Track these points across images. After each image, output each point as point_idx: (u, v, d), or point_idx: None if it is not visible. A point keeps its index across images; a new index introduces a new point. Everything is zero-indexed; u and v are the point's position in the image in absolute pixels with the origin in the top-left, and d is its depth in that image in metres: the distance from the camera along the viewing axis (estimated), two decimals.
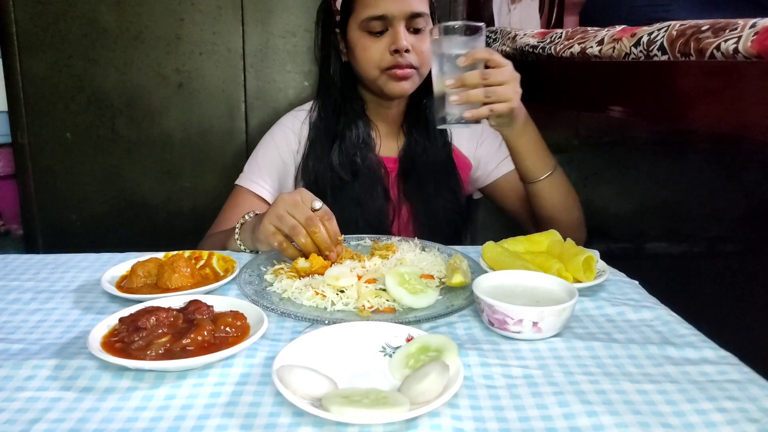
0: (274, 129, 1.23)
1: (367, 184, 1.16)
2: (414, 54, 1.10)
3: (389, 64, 1.09)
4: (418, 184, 1.19)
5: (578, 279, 0.79)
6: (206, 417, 0.52)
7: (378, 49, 1.10)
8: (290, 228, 0.83)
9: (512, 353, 0.64)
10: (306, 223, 0.83)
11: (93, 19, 1.37)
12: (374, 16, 1.08)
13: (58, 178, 1.45)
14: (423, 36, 1.11)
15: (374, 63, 1.11)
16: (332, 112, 1.17)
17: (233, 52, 1.45)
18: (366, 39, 1.11)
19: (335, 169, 1.14)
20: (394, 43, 1.08)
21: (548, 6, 1.75)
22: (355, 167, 1.15)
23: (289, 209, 0.83)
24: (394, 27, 1.08)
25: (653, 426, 0.51)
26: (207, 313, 0.65)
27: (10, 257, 0.92)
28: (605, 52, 1.04)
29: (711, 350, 0.64)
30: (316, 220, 0.83)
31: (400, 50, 1.08)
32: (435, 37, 0.92)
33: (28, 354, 0.63)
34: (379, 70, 1.11)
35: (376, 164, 1.18)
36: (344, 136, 1.16)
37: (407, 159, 1.20)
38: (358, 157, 1.15)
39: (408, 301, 0.73)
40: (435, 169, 1.20)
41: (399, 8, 1.07)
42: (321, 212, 0.84)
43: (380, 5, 1.07)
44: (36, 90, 1.39)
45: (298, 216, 0.83)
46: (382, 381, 0.58)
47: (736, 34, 0.77)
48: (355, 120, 1.17)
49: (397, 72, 1.09)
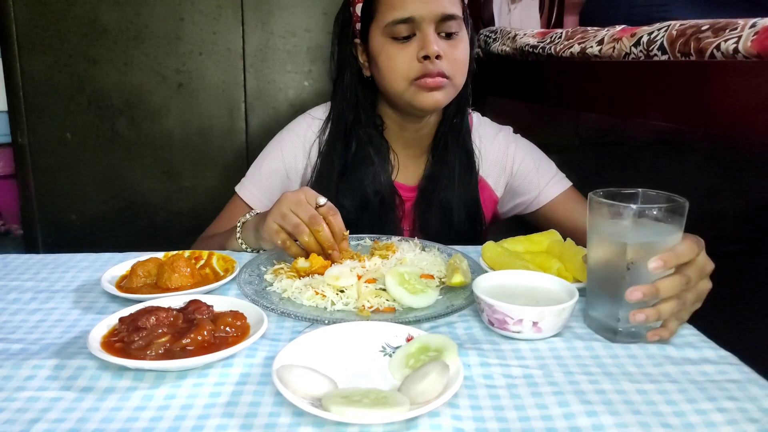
0: (284, 137, 1.13)
1: (375, 215, 1.06)
2: (446, 61, 0.98)
3: (418, 73, 0.97)
4: (438, 219, 1.08)
5: (578, 279, 0.79)
6: (206, 417, 0.52)
7: (405, 56, 0.98)
8: (293, 227, 0.82)
9: (512, 353, 0.64)
10: (309, 222, 0.81)
11: (93, 19, 1.37)
12: (400, 19, 0.97)
13: (58, 178, 1.45)
14: (456, 42, 1.00)
15: (401, 73, 0.99)
16: (343, 136, 1.07)
17: (233, 52, 1.45)
18: (391, 46, 0.99)
19: (344, 204, 1.04)
20: (423, 49, 0.96)
21: (548, 6, 1.75)
22: (365, 198, 1.06)
23: (293, 207, 0.82)
24: (422, 30, 0.97)
25: (653, 426, 0.51)
26: (207, 313, 0.65)
27: (10, 257, 0.92)
28: (605, 52, 1.04)
29: (711, 350, 0.64)
30: (320, 218, 0.82)
31: (431, 56, 0.96)
32: (605, 216, 0.66)
33: (28, 354, 0.63)
34: (407, 81, 0.99)
35: (389, 194, 1.08)
36: (353, 165, 1.06)
37: (429, 189, 1.09)
38: (369, 189, 1.05)
39: (408, 301, 0.73)
40: (459, 206, 1.08)
41: (428, 9, 0.96)
42: (325, 209, 0.83)
43: (407, 6, 0.96)
44: (36, 90, 1.39)
45: (302, 214, 0.82)
46: (382, 381, 0.58)
47: (736, 34, 0.77)
48: (370, 144, 1.07)
49: (428, 81, 0.97)
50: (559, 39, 1.18)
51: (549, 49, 1.20)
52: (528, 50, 1.29)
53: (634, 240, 0.63)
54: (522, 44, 1.31)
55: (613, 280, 0.66)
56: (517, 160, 1.15)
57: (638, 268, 0.64)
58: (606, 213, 0.66)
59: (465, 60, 1.03)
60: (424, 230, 1.10)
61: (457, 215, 1.09)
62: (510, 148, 1.16)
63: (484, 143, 1.14)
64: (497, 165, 1.15)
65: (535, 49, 1.26)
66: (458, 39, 1.01)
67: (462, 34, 1.01)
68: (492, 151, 1.15)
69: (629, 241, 0.63)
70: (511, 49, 1.36)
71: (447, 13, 0.97)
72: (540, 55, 1.24)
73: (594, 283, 0.69)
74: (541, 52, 1.23)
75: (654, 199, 0.67)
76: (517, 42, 1.34)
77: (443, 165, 1.09)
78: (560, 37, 1.19)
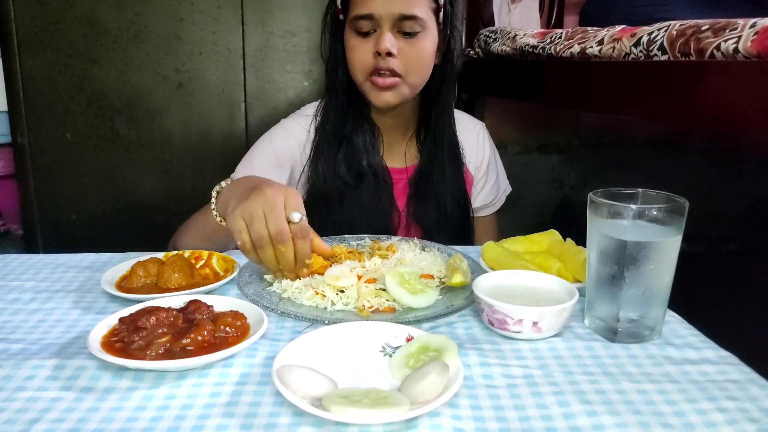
0: (274, 132, 1.16)
1: (372, 189, 1.10)
2: (401, 59, 1.02)
3: (371, 68, 1.03)
4: (428, 203, 1.13)
5: (578, 279, 0.79)
6: (206, 417, 0.52)
7: (363, 51, 1.03)
8: (257, 237, 0.74)
9: (512, 353, 0.64)
10: (275, 237, 0.74)
11: (93, 19, 1.37)
12: (362, 14, 1.02)
13: (58, 178, 1.45)
14: (415, 41, 1.03)
15: (358, 66, 1.05)
16: (339, 114, 1.11)
17: (233, 52, 1.45)
18: (354, 39, 1.04)
19: (340, 174, 1.08)
20: (375, 45, 1.02)
21: (548, 6, 1.75)
22: (361, 171, 1.09)
23: (266, 210, 0.74)
24: (381, 27, 1.02)
25: (653, 426, 0.51)
26: (207, 313, 0.65)
27: (10, 257, 0.92)
28: (605, 52, 1.04)
29: (711, 350, 0.64)
30: (287, 237, 0.74)
31: (382, 53, 1.01)
32: (604, 216, 0.66)
33: (28, 354, 0.63)
34: (364, 75, 1.05)
35: (382, 171, 1.12)
36: (351, 139, 1.10)
37: (418, 177, 1.14)
38: (364, 161, 1.10)
39: (408, 301, 0.73)
40: (446, 189, 1.14)
41: (387, 9, 1.00)
42: (296, 227, 0.75)
43: (368, 4, 1.01)
44: (36, 90, 1.39)
45: (270, 225, 0.73)
46: (382, 381, 0.58)
47: (736, 34, 0.77)
48: (362, 123, 1.11)
49: (378, 81, 1.03)
50: (559, 39, 1.18)
51: (549, 49, 1.21)
52: (528, 50, 1.29)
53: (633, 240, 0.63)
54: (522, 44, 1.31)
55: (613, 281, 0.66)
56: (486, 156, 1.23)
57: (638, 268, 0.64)
58: (606, 213, 0.66)
59: (423, 59, 1.06)
60: (416, 216, 1.13)
61: (445, 200, 1.13)
62: (480, 138, 1.24)
63: (461, 132, 1.20)
64: (472, 152, 1.22)
65: (535, 49, 1.26)
66: (417, 39, 1.03)
67: (424, 34, 1.04)
68: (468, 139, 1.21)
69: (629, 240, 0.64)
70: (511, 49, 1.36)
71: (405, 14, 1.01)
72: (540, 55, 1.24)
73: (594, 283, 0.69)
74: (541, 52, 1.24)
75: (654, 199, 0.67)
76: (517, 42, 1.34)
77: (430, 155, 1.14)
78: (560, 37, 1.19)
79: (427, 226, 1.13)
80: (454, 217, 1.15)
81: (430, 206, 1.13)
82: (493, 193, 1.26)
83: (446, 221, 1.14)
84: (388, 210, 1.12)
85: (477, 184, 1.24)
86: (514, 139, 1.61)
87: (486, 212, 1.28)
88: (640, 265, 0.63)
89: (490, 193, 1.26)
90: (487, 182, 1.25)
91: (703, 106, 0.84)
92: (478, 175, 1.24)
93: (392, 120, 1.15)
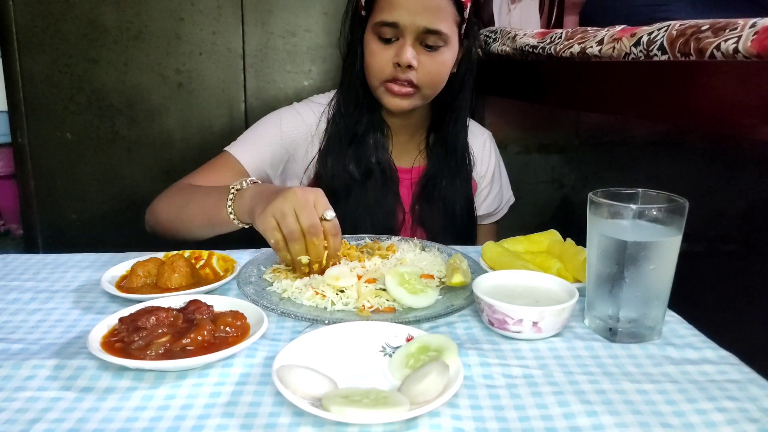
0: (285, 113, 1.14)
1: (379, 187, 1.11)
2: (420, 72, 1.03)
3: (389, 76, 1.04)
4: (434, 208, 1.14)
5: (578, 279, 0.79)
6: (206, 417, 0.52)
7: (383, 57, 1.03)
8: (289, 232, 0.76)
9: (512, 353, 0.64)
10: (307, 230, 0.76)
11: (93, 19, 1.37)
12: (386, 21, 1.01)
13: (58, 178, 1.45)
14: (436, 55, 1.04)
15: (375, 72, 1.05)
16: (354, 109, 1.11)
17: (233, 52, 1.45)
18: (375, 44, 1.04)
19: (349, 170, 1.09)
20: (397, 56, 1.02)
21: (548, 6, 1.75)
22: (370, 168, 1.10)
23: (297, 208, 0.76)
24: (404, 38, 1.02)
25: (653, 426, 0.51)
26: (207, 313, 0.65)
27: (10, 257, 0.92)
28: (605, 52, 1.03)
29: (711, 350, 0.64)
30: (320, 230, 0.77)
31: (402, 65, 1.02)
32: (604, 216, 0.66)
33: (28, 354, 0.63)
34: (379, 81, 1.05)
35: (390, 169, 1.13)
36: (363, 136, 1.11)
37: (426, 180, 1.14)
38: (373, 158, 1.10)
39: (408, 301, 0.73)
40: (455, 196, 1.15)
41: (412, 20, 1.00)
42: (329, 225, 0.78)
43: (394, 12, 1.00)
44: (36, 90, 1.39)
45: (303, 220, 0.76)
46: (382, 381, 0.58)
47: (736, 34, 0.77)
48: (374, 121, 1.12)
49: (394, 87, 1.04)
50: (559, 39, 1.18)
51: (549, 49, 1.20)
52: (528, 50, 1.29)
53: (633, 240, 0.63)
54: (522, 44, 1.31)
55: (613, 281, 0.65)
56: (491, 165, 1.24)
57: (638, 268, 0.64)
58: (606, 213, 0.66)
59: (441, 73, 1.07)
60: (421, 218, 1.14)
61: (452, 205, 1.14)
62: (487, 147, 1.25)
63: (468, 139, 1.20)
64: (477, 159, 1.22)
65: (535, 49, 1.26)
66: (439, 53, 1.04)
67: (446, 48, 1.05)
68: (474, 147, 1.22)
69: (629, 240, 0.63)
70: (511, 49, 1.36)
71: (430, 28, 1.01)
72: (540, 55, 1.24)
73: (594, 283, 0.69)
74: (541, 52, 1.23)
75: (654, 199, 0.67)
76: (517, 42, 1.34)
77: (439, 162, 1.14)
78: (560, 37, 1.19)
79: (433, 230, 1.13)
80: (460, 224, 1.16)
81: (437, 211, 1.14)
82: (496, 202, 1.27)
83: (453, 227, 1.14)
84: (393, 208, 1.12)
85: (480, 193, 1.25)
86: (514, 139, 1.61)
87: (487, 221, 1.29)
88: (640, 265, 0.63)
89: (493, 203, 1.26)
90: (490, 191, 1.25)
91: (703, 106, 0.84)
92: (482, 183, 1.24)
93: (402, 121, 1.15)
